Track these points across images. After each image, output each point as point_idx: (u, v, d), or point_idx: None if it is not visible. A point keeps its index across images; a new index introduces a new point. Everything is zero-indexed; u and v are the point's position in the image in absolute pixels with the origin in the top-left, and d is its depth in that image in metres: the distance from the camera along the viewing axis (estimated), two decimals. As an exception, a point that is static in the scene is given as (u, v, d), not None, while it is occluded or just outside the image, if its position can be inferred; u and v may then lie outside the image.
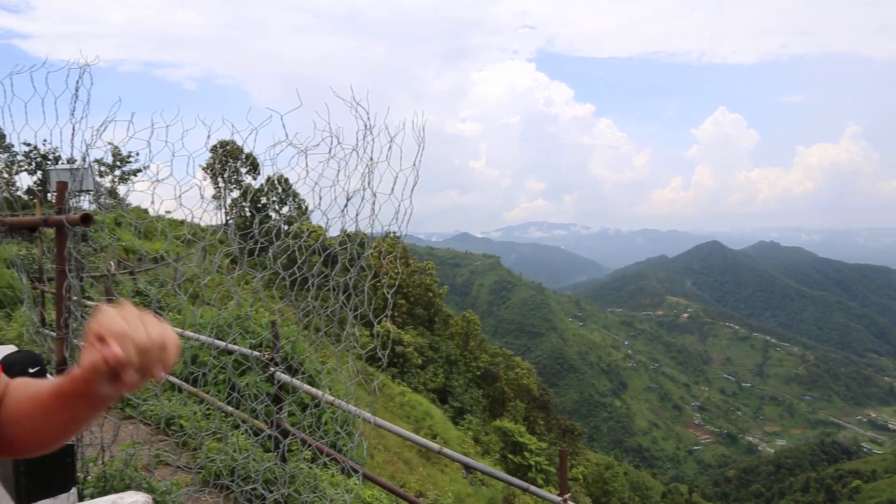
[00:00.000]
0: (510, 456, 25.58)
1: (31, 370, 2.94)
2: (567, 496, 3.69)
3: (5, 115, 3.74)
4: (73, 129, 3.54)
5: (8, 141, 19.41)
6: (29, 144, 19.82)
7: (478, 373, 40.47)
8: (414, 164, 3.04)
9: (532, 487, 3.97)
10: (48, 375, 3.04)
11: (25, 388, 0.99)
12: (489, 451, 25.27)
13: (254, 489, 4.32)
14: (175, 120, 3.29)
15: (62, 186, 3.69)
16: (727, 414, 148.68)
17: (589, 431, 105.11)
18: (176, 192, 3.43)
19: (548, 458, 25.70)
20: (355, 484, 4.91)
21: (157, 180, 3.45)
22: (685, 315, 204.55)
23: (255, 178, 33.89)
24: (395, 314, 35.76)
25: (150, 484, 4.06)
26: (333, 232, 3.74)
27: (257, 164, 31.61)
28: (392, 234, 3.45)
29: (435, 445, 4.19)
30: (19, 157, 20.92)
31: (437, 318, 42.74)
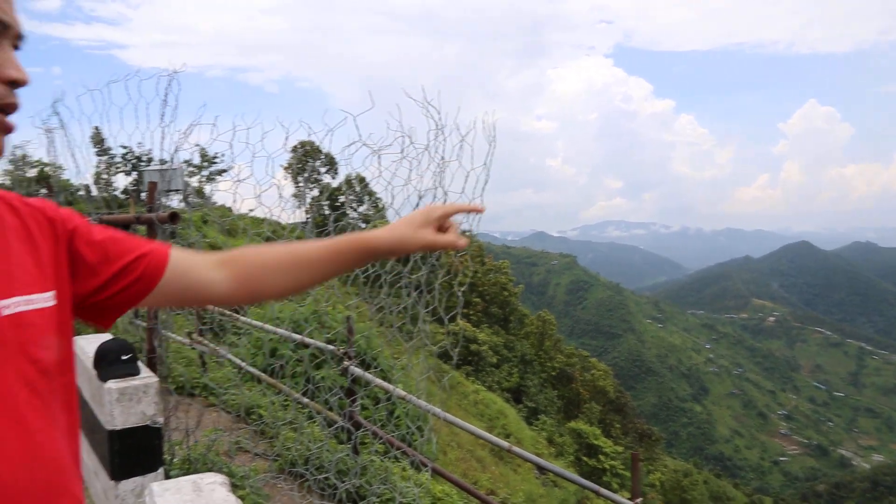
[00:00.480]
0: (585, 458, 25.24)
1: (123, 357, 3.15)
2: (639, 500, 3.61)
3: (104, 120, 4.03)
4: (163, 133, 3.76)
5: (107, 144, 20.58)
6: (125, 147, 20.93)
7: (553, 373, 40.02)
8: (485, 163, 3.06)
9: (603, 490, 3.91)
10: (138, 363, 3.24)
11: (270, 249, 1.14)
12: (563, 452, 24.98)
13: (326, 478, 4.46)
14: (256, 122, 3.45)
15: (152, 186, 3.93)
16: (817, 424, 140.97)
17: (667, 437, 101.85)
18: (256, 191, 3.59)
19: (623, 463, 25.19)
20: (425, 478, 4.99)
21: (239, 180, 3.63)
22: (771, 319, 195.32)
23: (333, 178, 34.74)
24: (471, 312, 35.83)
25: (229, 468, 4.25)
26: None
27: (335, 164, 32.39)
28: (464, 233, 3.48)
29: (504, 443, 4.20)
30: (116, 159, 22.15)
31: (512, 317, 42.52)
